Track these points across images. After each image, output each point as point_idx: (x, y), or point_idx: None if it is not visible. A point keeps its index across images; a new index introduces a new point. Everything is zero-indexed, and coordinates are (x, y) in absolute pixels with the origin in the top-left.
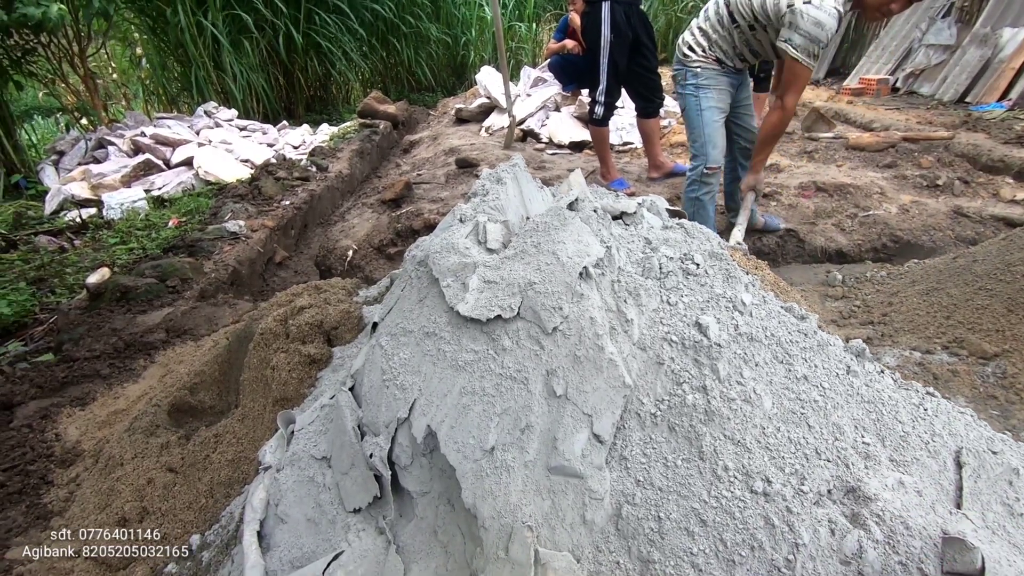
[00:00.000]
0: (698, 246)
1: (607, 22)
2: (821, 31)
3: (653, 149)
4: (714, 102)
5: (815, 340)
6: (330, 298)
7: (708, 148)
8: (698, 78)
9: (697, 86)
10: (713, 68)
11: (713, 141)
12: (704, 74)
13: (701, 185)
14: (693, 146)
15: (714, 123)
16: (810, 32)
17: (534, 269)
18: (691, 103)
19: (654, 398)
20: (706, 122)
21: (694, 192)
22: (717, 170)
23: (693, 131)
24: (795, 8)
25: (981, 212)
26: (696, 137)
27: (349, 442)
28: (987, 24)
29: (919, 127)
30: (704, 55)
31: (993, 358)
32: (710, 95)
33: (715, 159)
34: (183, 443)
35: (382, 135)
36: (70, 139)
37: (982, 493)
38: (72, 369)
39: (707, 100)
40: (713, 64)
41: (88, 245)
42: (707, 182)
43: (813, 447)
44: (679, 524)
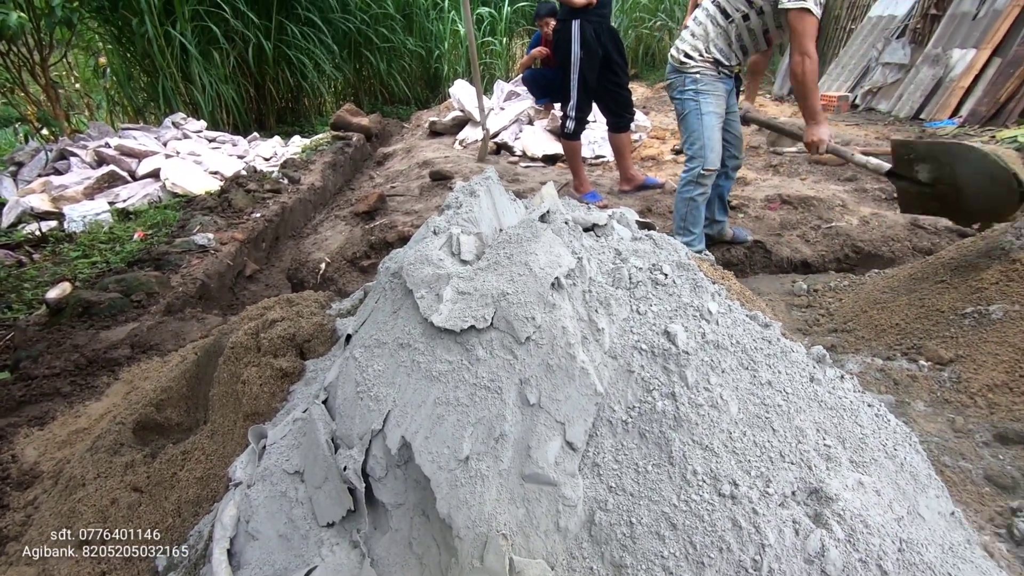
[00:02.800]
0: (666, 257)
1: (577, 39)
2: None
3: (624, 162)
4: (713, 107)
5: (779, 347)
6: (303, 311)
7: (707, 151)
8: (697, 84)
9: (697, 91)
10: (711, 73)
11: (712, 145)
12: (703, 80)
13: (697, 186)
14: (691, 148)
15: (714, 128)
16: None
17: (507, 280)
18: (691, 107)
19: (625, 405)
20: (707, 126)
21: (689, 192)
22: (714, 172)
23: (692, 134)
24: None
25: (936, 224)
26: (695, 140)
27: (322, 455)
28: (938, 45)
29: (877, 142)
30: (702, 58)
31: (949, 363)
32: (709, 100)
33: (713, 162)
34: (149, 461)
35: (355, 147)
36: (30, 150)
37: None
38: (30, 387)
39: (707, 105)
40: (711, 68)
41: (48, 259)
42: (703, 183)
43: (778, 450)
44: (650, 528)
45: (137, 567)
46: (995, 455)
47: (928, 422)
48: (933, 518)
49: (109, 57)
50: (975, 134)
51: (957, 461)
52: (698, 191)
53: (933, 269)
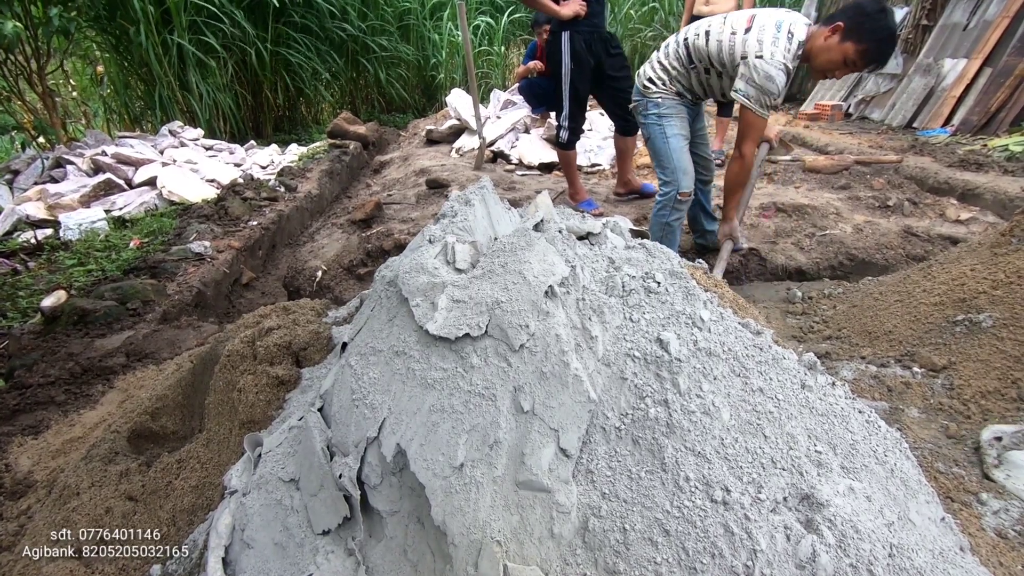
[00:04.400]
0: (659, 265)
1: (567, 50)
2: (772, 84)
3: (624, 165)
4: (678, 129)
5: (770, 354)
6: (299, 319)
7: (679, 175)
8: (659, 107)
9: (660, 115)
10: (673, 99)
11: (683, 168)
12: (665, 104)
13: (672, 211)
14: (663, 173)
15: (681, 150)
16: (763, 85)
17: (501, 288)
18: (656, 132)
19: (618, 412)
20: (673, 149)
21: (664, 217)
22: (689, 196)
23: (662, 159)
24: (748, 62)
25: (929, 231)
26: (666, 164)
27: (318, 463)
28: (930, 55)
29: (871, 151)
30: (664, 88)
31: (942, 370)
32: (673, 123)
33: (687, 185)
34: (144, 470)
35: (352, 155)
36: (26, 158)
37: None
38: (24, 396)
39: (671, 128)
40: (673, 96)
41: (43, 267)
42: (678, 208)
43: (769, 456)
44: (643, 535)
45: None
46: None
47: (922, 428)
48: (924, 523)
49: (106, 66)
50: (967, 143)
51: (951, 467)
52: (674, 216)
53: (926, 276)
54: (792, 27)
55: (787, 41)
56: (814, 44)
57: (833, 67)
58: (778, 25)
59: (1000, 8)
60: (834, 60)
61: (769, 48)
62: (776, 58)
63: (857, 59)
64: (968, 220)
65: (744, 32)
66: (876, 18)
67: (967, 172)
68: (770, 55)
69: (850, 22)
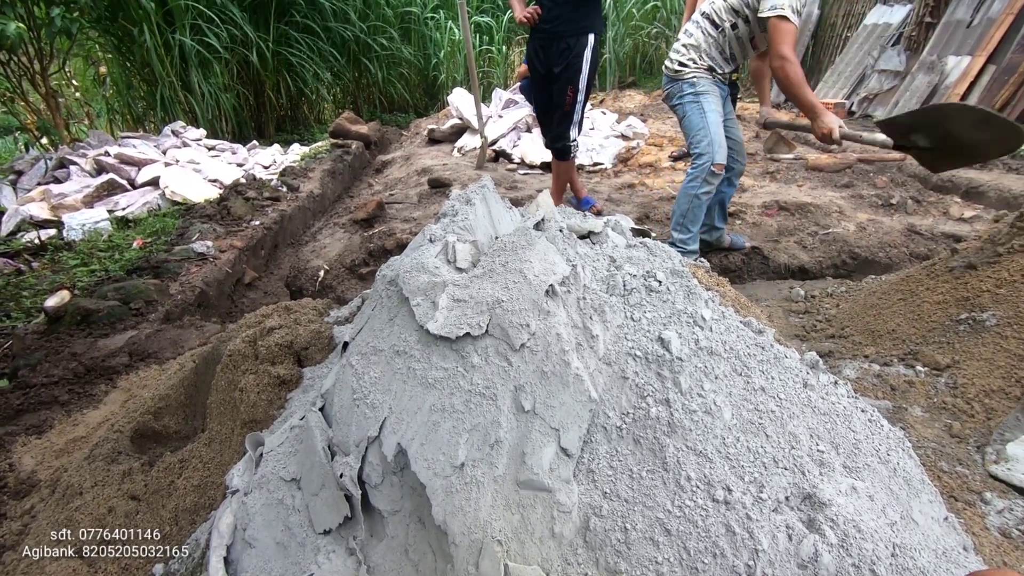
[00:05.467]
0: (660, 264)
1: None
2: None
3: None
4: (714, 105)
5: (772, 353)
6: (300, 318)
7: (715, 147)
8: (695, 86)
9: (696, 93)
10: (707, 77)
11: (719, 140)
12: (700, 83)
13: (704, 183)
14: (699, 145)
15: (717, 123)
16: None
17: (502, 287)
18: (693, 109)
19: (619, 411)
20: (711, 122)
21: (695, 188)
22: (723, 169)
23: (698, 132)
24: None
25: (932, 229)
26: (703, 137)
27: (319, 463)
28: (933, 52)
29: (873, 149)
30: (696, 66)
31: (945, 369)
32: (710, 99)
33: (722, 157)
34: (146, 470)
35: (354, 155)
36: (29, 158)
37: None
38: (28, 396)
39: (708, 104)
40: (706, 73)
41: (47, 267)
42: (711, 181)
43: (771, 456)
44: (645, 534)
45: (134, 575)
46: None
47: (925, 427)
48: (927, 523)
49: (109, 66)
50: None
51: (954, 466)
52: (704, 188)
53: (929, 275)
54: None
55: None
56: None
57: None
58: None
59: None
60: None
61: None
62: None
63: None
64: (972, 218)
65: None
66: None
67: (970, 170)
68: None
69: None
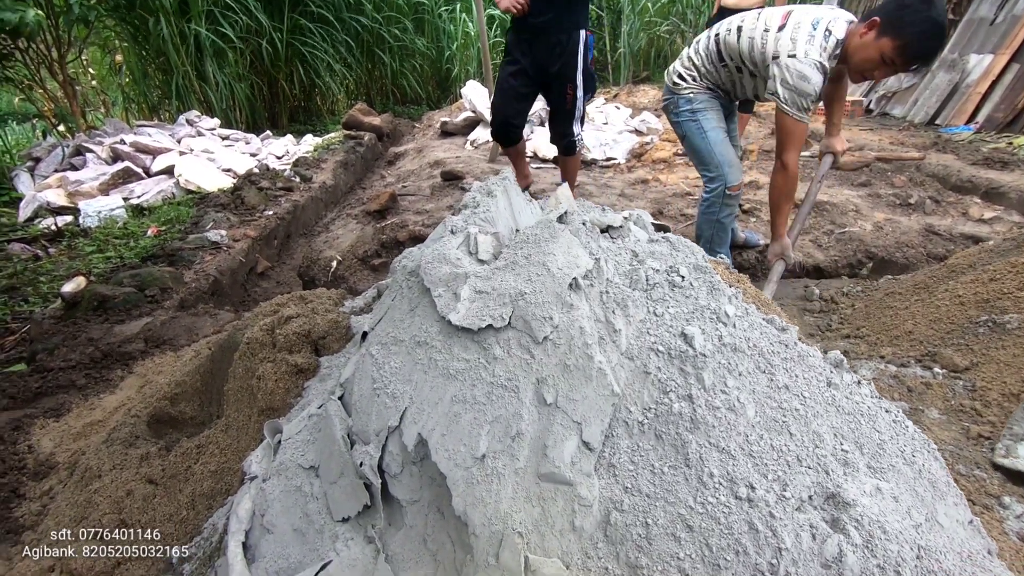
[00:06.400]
0: (683, 259)
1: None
2: (807, 84)
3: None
4: (715, 122)
5: (795, 351)
6: (317, 308)
7: (724, 168)
8: (692, 103)
9: (693, 111)
10: (705, 93)
11: (728, 160)
12: (698, 99)
13: (723, 207)
14: (707, 169)
15: (722, 142)
16: (797, 86)
17: (525, 280)
18: (692, 128)
19: (641, 406)
20: (713, 143)
21: (714, 214)
22: (740, 189)
23: (703, 155)
24: (780, 62)
25: (951, 230)
26: (708, 160)
27: (338, 451)
28: (955, 50)
29: (892, 148)
30: (696, 83)
31: (964, 371)
32: (709, 116)
33: (734, 178)
34: (163, 454)
35: (367, 147)
36: (46, 146)
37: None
38: (46, 379)
39: (708, 122)
40: (704, 91)
41: (63, 253)
42: (729, 203)
43: (795, 454)
44: (666, 530)
45: (152, 559)
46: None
47: (942, 430)
48: (952, 526)
49: (125, 55)
50: (991, 140)
51: (972, 470)
52: (724, 212)
53: (947, 276)
54: (831, 24)
55: (823, 39)
56: (851, 43)
57: (870, 66)
58: (815, 23)
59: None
60: (871, 58)
61: (803, 47)
62: (811, 56)
63: (896, 56)
64: (992, 219)
65: (777, 30)
66: (917, 9)
67: (991, 170)
68: (804, 53)
69: (887, 16)
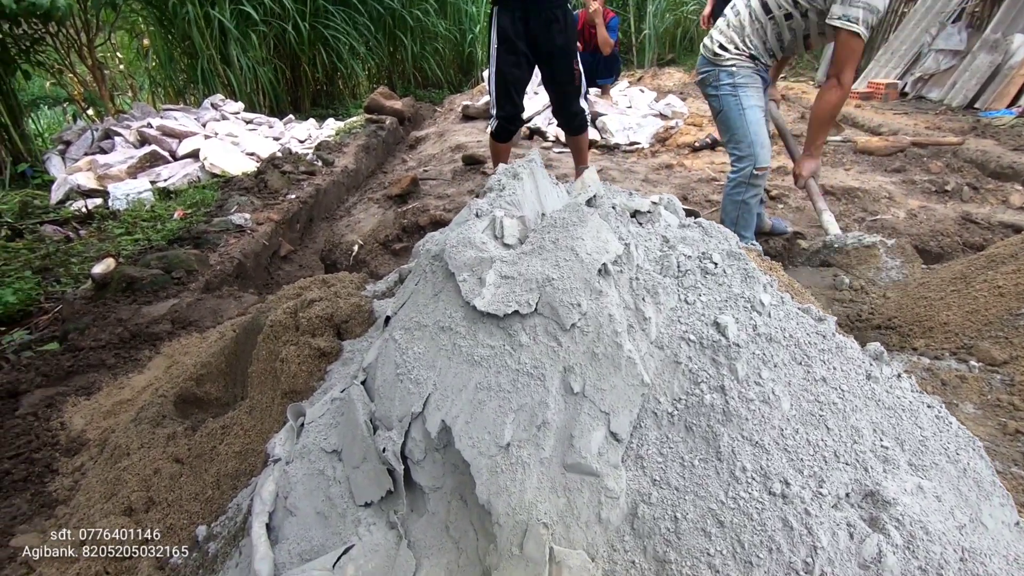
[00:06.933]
0: (716, 245)
1: (495, 26)
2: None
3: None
4: (755, 100)
5: (833, 343)
6: (340, 291)
7: (756, 148)
8: (734, 77)
9: (734, 85)
10: (748, 66)
11: (761, 140)
12: (740, 72)
13: (748, 187)
14: (738, 147)
15: (759, 122)
16: (870, 3)
17: (552, 265)
18: (731, 103)
19: (671, 397)
20: (750, 121)
21: (740, 195)
22: (767, 170)
23: (736, 132)
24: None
25: (990, 219)
26: (741, 137)
27: (361, 436)
28: (998, 30)
29: (928, 132)
30: (738, 51)
31: (1002, 365)
32: (749, 93)
33: (764, 159)
34: (190, 434)
35: (388, 131)
36: (77, 129)
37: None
38: (77, 358)
39: (748, 99)
40: (747, 61)
41: (93, 235)
42: (755, 184)
43: (832, 450)
44: (696, 524)
45: (178, 535)
46: None
47: (978, 425)
48: (997, 527)
49: (152, 39)
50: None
51: (1009, 467)
52: (750, 193)
53: (986, 266)
54: None
55: None
56: None
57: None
58: None
59: None
60: None
61: None
62: None
63: None
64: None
65: None
66: None
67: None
68: None
69: None
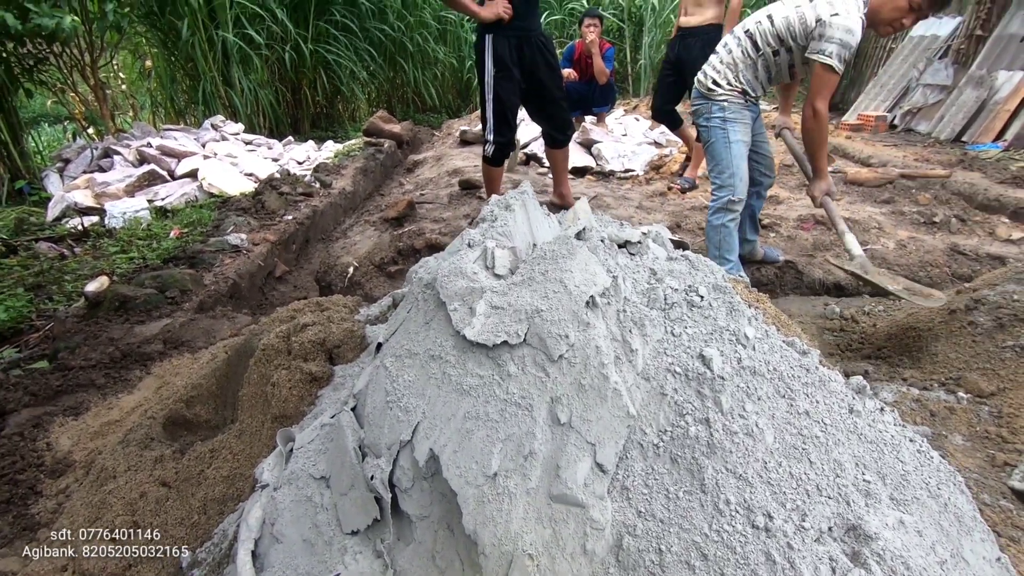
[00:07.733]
0: (702, 278)
1: (489, 55)
2: (852, 37)
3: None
4: (741, 135)
5: (817, 376)
6: (333, 316)
7: (736, 180)
8: (725, 112)
9: (724, 119)
10: (739, 102)
11: (740, 175)
12: (731, 108)
13: (727, 213)
14: (719, 178)
15: (741, 157)
16: (843, 40)
17: (541, 296)
18: (719, 136)
19: (657, 429)
20: (735, 155)
21: (719, 219)
22: (742, 202)
23: (720, 163)
24: (824, 21)
25: (977, 250)
26: (723, 169)
27: (350, 463)
28: (983, 66)
29: (916, 164)
30: (730, 87)
31: (990, 396)
32: (737, 129)
33: (741, 191)
34: (178, 457)
35: (386, 154)
36: (76, 147)
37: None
38: (67, 377)
39: (735, 133)
40: (739, 97)
41: (88, 253)
42: (732, 210)
43: (814, 483)
44: (680, 557)
45: (162, 562)
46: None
47: (966, 457)
48: (978, 563)
49: (154, 60)
50: (1020, 158)
51: (997, 500)
52: (728, 217)
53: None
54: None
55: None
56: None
57: (899, 15)
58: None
59: None
60: (899, 7)
61: (841, 6)
62: (852, 13)
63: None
64: (1020, 240)
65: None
66: None
67: (1020, 189)
68: (845, 11)
69: None
